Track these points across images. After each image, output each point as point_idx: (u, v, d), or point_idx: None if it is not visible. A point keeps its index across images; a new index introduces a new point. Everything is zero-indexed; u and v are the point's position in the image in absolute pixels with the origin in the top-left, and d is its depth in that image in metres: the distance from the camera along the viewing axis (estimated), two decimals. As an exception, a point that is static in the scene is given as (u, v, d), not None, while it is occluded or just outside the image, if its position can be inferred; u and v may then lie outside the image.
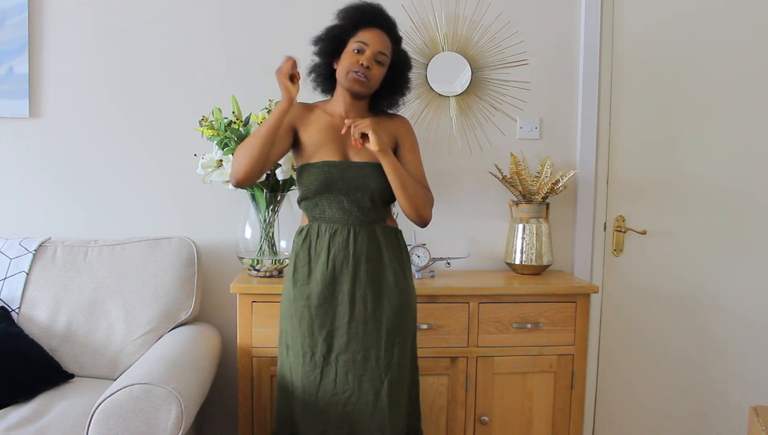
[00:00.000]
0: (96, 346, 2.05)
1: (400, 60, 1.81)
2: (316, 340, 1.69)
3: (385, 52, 1.73)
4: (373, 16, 1.74)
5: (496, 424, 2.11)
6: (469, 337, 2.08)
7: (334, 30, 1.77)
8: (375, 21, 1.74)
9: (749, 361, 2.55)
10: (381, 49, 1.72)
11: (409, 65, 1.86)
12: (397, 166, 1.70)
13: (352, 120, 1.65)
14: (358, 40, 1.71)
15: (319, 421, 1.68)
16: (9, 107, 2.30)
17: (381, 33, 1.73)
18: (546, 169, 2.35)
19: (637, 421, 2.55)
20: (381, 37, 1.73)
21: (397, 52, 1.80)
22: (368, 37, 1.71)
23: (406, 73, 1.85)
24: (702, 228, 2.52)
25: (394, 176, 1.69)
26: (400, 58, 1.82)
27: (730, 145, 2.50)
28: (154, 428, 1.53)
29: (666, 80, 2.48)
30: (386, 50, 1.74)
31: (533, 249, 2.31)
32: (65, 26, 2.31)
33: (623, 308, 2.53)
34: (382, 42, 1.73)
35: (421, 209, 1.75)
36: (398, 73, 1.82)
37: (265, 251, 2.16)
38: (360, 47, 1.71)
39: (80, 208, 2.36)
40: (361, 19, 1.73)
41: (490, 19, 2.39)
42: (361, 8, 1.75)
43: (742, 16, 2.47)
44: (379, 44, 1.72)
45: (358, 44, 1.71)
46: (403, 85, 1.85)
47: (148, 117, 2.35)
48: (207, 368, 1.91)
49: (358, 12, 1.75)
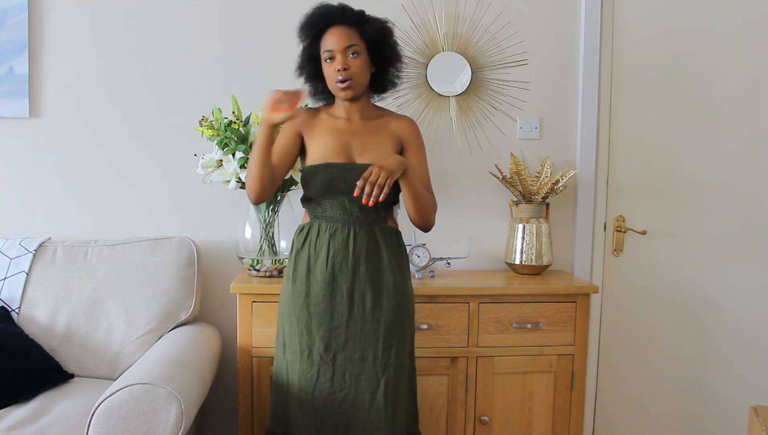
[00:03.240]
0: (96, 346, 2.05)
1: (373, 35, 1.73)
2: (313, 339, 1.69)
3: (352, 43, 1.69)
4: (323, 20, 1.71)
5: (496, 424, 2.11)
6: (469, 337, 2.08)
7: (304, 53, 1.78)
8: (327, 22, 1.71)
9: (749, 362, 2.55)
10: (346, 44, 1.68)
11: (387, 30, 1.76)
12: (413, 183, 1.68)
13: (362, 180, 1.58)
14: (325, 50, 1.70)
15: (314, 420, 1.68)
16: (9, 107, 2.30)
17: (339, 28, 1.70)
18: (546, 169, 2.35)
19: (637, 421, 2.55)
20: (341, 33, 1.69)
21: (365, 31, 1.71)
22: (329, 42, 1.69)
23: (389, 39, 1.78)
24: (702, 228, 2.52)
25: (409, 192, 1.69)
26: (373, 32, 1.72)
27: (730, 144, 2.50)
28: (154, 428, 1.53)
29: (666, 80, 2.48)
30: (352, 40, 1.69)
31: (533, 249, 2.31)
32: (65, 26, 2.31)
33: (623, 308, 2.52)
34: (344, 36, 1.69)
35: (429, 217, 1.77)
36: (380, 44, 1.75)
37: (265, 251, 2.16)
38: (328, 55, 1.70)
39: (80, 208, 2.36)
40: (315, 29, 1.72)
41: (490, 19, 2.39)
42: (309, 21, 1.73)
43: (742, 15, 2.46)
44: (342, 41, 1.68)
45: (326, 53, 1.70)
46: (393, 51, 1.79)
47: (148, 117, 2.35)
48: (207, 368, 1.91)
49: (309, 25, 1.73)
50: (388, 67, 1.81)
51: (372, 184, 1.57)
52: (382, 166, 1.58)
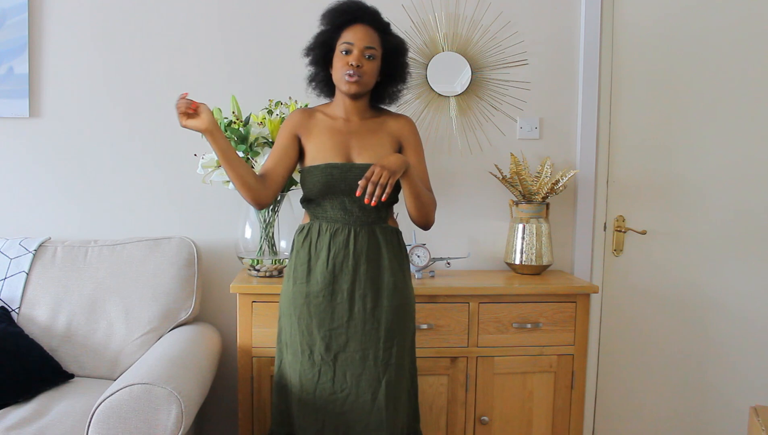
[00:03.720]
0: (96, 346, 2.05)
1: (391, 47, 1.78)
2: (314, 339, 1.70)
3: (372, 46, 1.71)
4: (352, 14, 1.73)
5: (496, 424, 2.11)
6: (469, 337, 2.08)
7: (320, 37, 1.77)
8: (356, 18, 1.72)
9: (749, 361, 2.55)
10: (367, 44, 1.70)
11: (404, 49, 1.81)
12: (414, 182, 1.68)
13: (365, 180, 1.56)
14: (344, 42, 1.71)
15: (316, 420, 1.68)
16: (9, 107, 2.30)
17: (364, 28, 1.71)
18: (546, 169, 2.35)
19: (637, 421, 2.55)
20: (365, 32, 1.71)
21: (387, 40, 1.76)
22: (352, 36, 1.70)
23: (402, 59, 1.81)
24: (702, 228, 2.52)
25: (411, 190, 1.69)
26: (392, 45, 1.78)
27: (730, 144, 2.50)
28: (154, 428, 1.53)
29: (666, 80, 2.48)
30: (373, 44, 1.71)
31: (533, 249, 2.31)
32: (65, 26, 2.31)
33: (623, 308, 2.53)
34: (367, 37, 1.71)
35: (430, 215, 1.77)
36: (393, 59, 1.78)
37: (265, 251, 2.16)
38: (347, 48, 1.70)
39: (80, 208, 2.36)
40: (341, 19, 1.73)
41: (490, 19, 2.39)
42: (339, 9, 1.74)
43: (741, 15, 2.46)
44: (364, 40, 1.70)
45: (345, 45, 1.70)
46: (402, 71, 1.82)
47: (148, 117, 2.35)
48: (207, 368, 1.91)
49: (337, 13, 1.74)
50: (393, 83, 1.82)
51: (374, 184, 1.56)
52: (384, 165, 1.58)
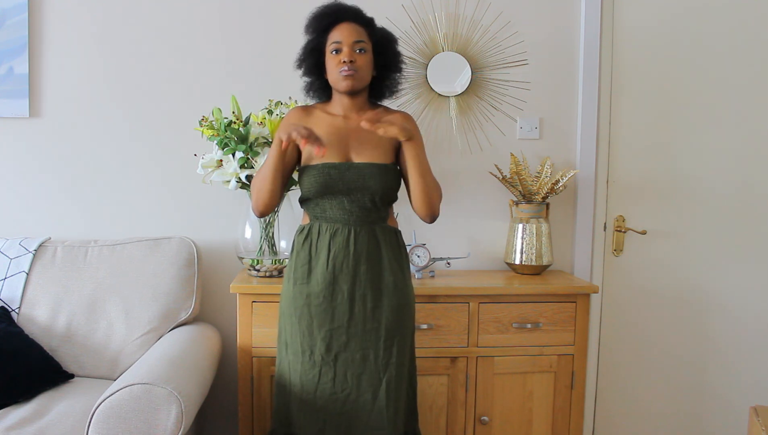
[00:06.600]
0: (96, 346, 2.05)
1: (380, 38, 1.79)
2: (315, 339, 1.70)
3: (361, 40, 1.72)
4: (335, 15, 1.74)
5: (496, 424, 2.11)
6: (469, 337, 2.08)
7: (308, 45, 1.78)
8: (339, 18, 1.73)
9: (749, 361, 2.55)
10: (356, 39, 1.71)
11: (393, 38, 1.83)
12: (421, 158, 1.70)
13: (369, 119, 1.62)
14: (332, 42, 1.72)
15: (317, 420, 1.68)
16: (9, 107, 2.30)
17: (350, 25, 1.72)
18: (546, 169, 2.35)
19: (637, 421, 2.55)
20: (351, 29, 1.72)
21: (374, 32, 1.78)
22: (339, 35, 1.71)
23: (393, 47, 1.82)
24: (702, 228, 2.52)
25: (415, 163, 1.69)
26: (380, 36, 1.79)
27: (730, 144, 2.50)
28: (154, 428, 1.53)
29: (666, 80, 2.48)
30: (361, 37, 1.72)
31: (533, 249, 2.31)
32: (65, 26, 2.31)
33: (623, 308, 2.53)
34: (354, 32, 1.72)
35: (435, 201, 1.75)
36: (385, 49, 1.79)
37: (265, 251, 2.16)
38: (336, 47, 1.71)
39: (80, 208, 2.36)
40: (326, 22, 1.74)
41: (490, 19, 2.39)
42: (321, 13, 1.76)
43: (741, 16, 2.46)
44: (352, 36, 1.71)
45: (334, 45, 1.71)
46: (396, 59, 1.83)
47: (148, 117, 2.35)
48: (207, 368, 1.91)
49: (320, 18, 1.75)
50: (389, 74, 1.83)
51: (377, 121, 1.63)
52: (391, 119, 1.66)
